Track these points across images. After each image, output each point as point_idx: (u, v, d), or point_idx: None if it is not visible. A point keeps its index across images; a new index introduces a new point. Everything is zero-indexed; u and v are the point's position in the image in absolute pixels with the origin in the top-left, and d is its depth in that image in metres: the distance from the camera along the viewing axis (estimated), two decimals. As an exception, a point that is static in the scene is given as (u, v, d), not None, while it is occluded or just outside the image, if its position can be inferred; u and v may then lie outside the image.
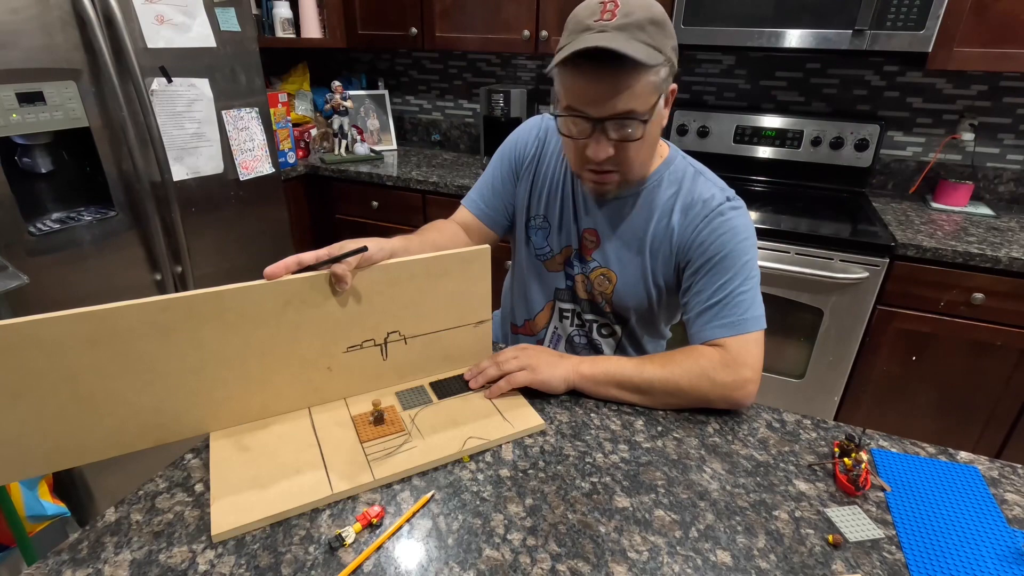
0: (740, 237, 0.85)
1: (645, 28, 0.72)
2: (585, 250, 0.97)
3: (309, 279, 0.69)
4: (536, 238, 1.01)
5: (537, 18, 1.98)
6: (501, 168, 1.03)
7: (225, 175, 1.67)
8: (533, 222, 1.01)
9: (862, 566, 0.58)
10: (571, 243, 0.98)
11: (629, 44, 0.70)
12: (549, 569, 0.56)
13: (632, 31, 0.71)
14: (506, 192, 1.02)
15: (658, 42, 0.73)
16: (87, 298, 1.38)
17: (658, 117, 0.80)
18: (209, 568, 0.55)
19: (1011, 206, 1.88)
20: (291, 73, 2.39)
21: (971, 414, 1.64)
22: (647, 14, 0.73)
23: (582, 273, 0.98)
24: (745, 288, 0.84)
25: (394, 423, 0.74)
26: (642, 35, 0.72)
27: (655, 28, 0.73)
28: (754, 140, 2.04)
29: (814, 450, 0.75)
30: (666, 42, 0.75)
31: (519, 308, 1.10)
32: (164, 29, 1.45)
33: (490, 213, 1.03)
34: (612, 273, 0.95)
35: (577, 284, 1.00)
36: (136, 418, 0.65)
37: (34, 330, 0.56)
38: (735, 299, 0.83)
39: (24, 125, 1.24)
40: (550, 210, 0.99)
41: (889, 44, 1.56)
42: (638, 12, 0.72)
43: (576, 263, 0.99)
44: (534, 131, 1.02)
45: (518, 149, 1.01)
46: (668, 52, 0.75)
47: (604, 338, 1.04)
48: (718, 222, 0.85)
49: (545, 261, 1.02)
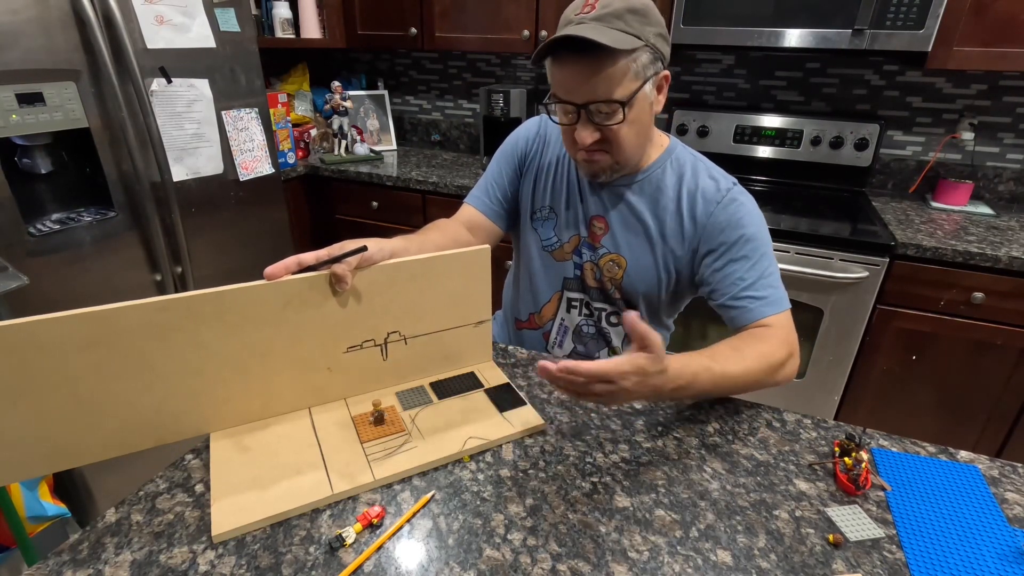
0: (758, 220, 0.89)
1: (622, 16, 0.76)
2: (594, 237, 0.98)
3: (309, 279, 0.69)
4: (543, 230, 1.03)
5: (537, 18, 1.98)
6: (503, 164, 1.05)
7: (225, 175, 1.67)
8: (539, 214, 1.03)
9: (862, 565, 0.58)
10: (579, 231, 1.00)
11: (600, 32, 0.74)
12: (549, 569, 0.56)
13: (608, 20, 0.76)
14: (509, 187, 1.04)
15: (636, 29, 0.76)
16: (87, 299, 1.38)
17: (643, 102, 0.82)
18: (209, 568, 0.55)
19: (1011, 205, 1.88)
20: (291, 73, 2.39)
21: (971, 413, 1.64)
22: (625, 4, 0.76)
23: (591, 261, 1.00)
24: (773, 269, 0.88)
25: (394, 423, 0.74)
26: (618, 23, 0.76)
27: (633, 16, 0.76)
28: (754, 140, 2.04)
29: (814, 449, 0.75)
30: (646, 28, 0.78)
31: (523, 303, 1.10)
32: (164, 30, 1.45)
33: (494, 208, 1.04)
34: (622, 258, 0.97)
35: (586, 272, 1.01)
36: (136, 419, 0.65)
37: (34, 331, 0.56)
38: (769, 279, 0.86)
39: (24, 126, 1.24)
40: (556, 200, 1.01)
41: (889, 43, 1.56)
42: (617, 2, 0.76)
43: (585, 251, 1.00)
44: (535, 128, 1.04)
45: (520, 145, 1.04)
46: (649, 38, 0.78)
47: (613, 327, 1.04)
48: (734, 207, 0.88)
49: (553, 251, 1.03)
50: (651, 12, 0.79)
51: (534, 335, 1.10)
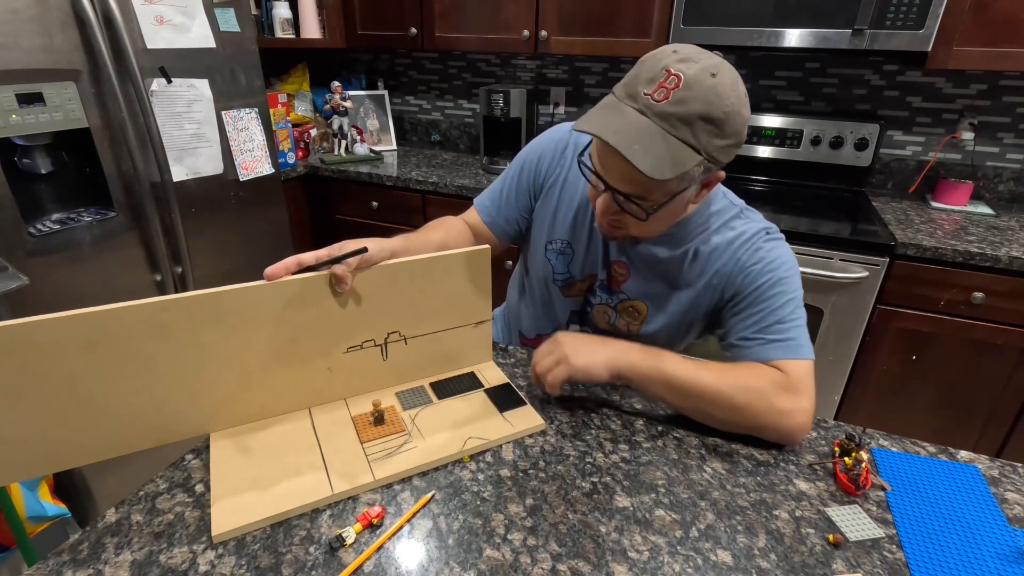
0: (788, 266, 0.81)
1: (692, 124, 0.64)
2: (614, 282, 0.91)
3: (309, 280, 0.69)
4: (556, 263, 0.96)
5: (537, 18, 1.97)
6: (519, 180, 0.97)
7: (225, 175, 1.67)
8: (553, 245, 0.95)
9: (862, 565, 0.58)
10: (597, 273, 0.93)
11: (651, 148, 0.64)
12: (550, 569, 0.56)
13: (674, 124, 0.64)
14: (520, 206, 0.98)
15: (702, 142, 0.65)
16: (87, 299, 1.38)
17: (680, 202, 0.74)
18: (210, 569, 0.55)
19: (1011, 205, 1.88)
20: (291, 73, 2.39)
21: (971, 413, 1.64)
22: (704, 107, 0.64)
23: (605, 304, 0.93)
24: (798, 316, 0.79)
25: (394, 423, 0.74)
26: (684, 131, 0.65)
27: (707, 125, 0.65)
28: (754, 140, 2.04)
29: (814, 449, 0.75)
30: (714, 141, 0.66)
31: (530, 321, 1.06)
32: (164, 30, 1.45)
33: (500, 224, 0.99)
34: (643, 305, 0.90)
35: (596, 313, 0.95)
36: (136, 419, 0.65)
37: (34, 331, 0.56)
38: (790, 323, 0.78)
39: (24, 126, 1.24)
40: (576, 237, 0.93)
41: (888, 43, 1.56)
42: (694, 103, 0.64)
43: (601, 293, 0.94)
44: (560, 146, 0.94)
45: (541, 165, 0.95)
46: (712, 152, 0.67)
47: None
48: (765, 251, 0.82)
49: (562, 287, 0.97)
50: (732, 122, 0.66)
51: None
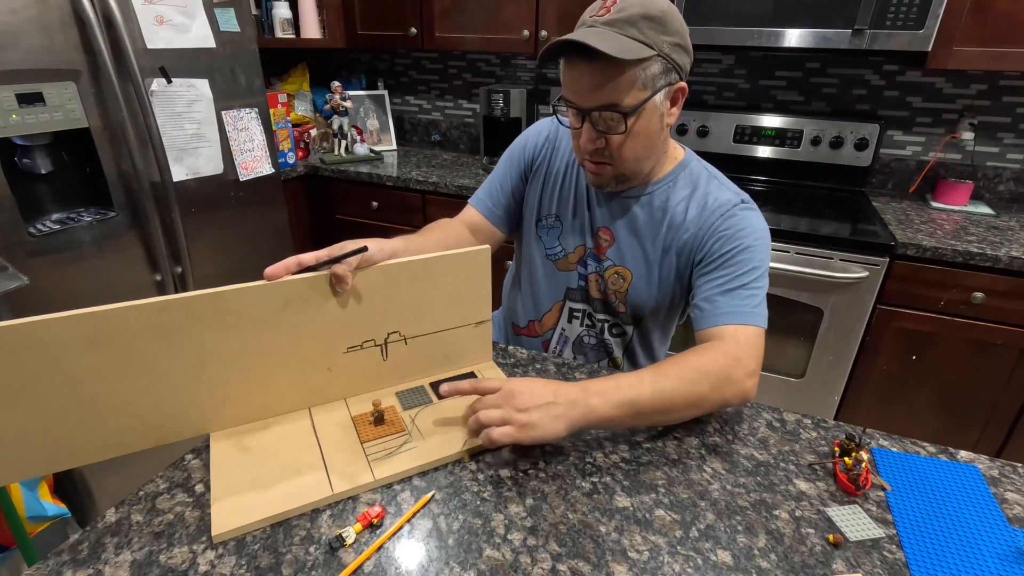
0: (758, 234, 0.85)
1: (636, 23, 0.73)
2: (599, 248, 0.97)
3: (309, 280, 0.69)
4: (547, 238, 1.01)
5: (537, 18, 1.98)
6: (509, 168, 1.03)
7: (225, 175, 1.67)
8: (544, 222, 1.01)
9: (862, 565, 0.58)
10: (585, 242, 0.98)
11: (607, 39, 0.72)
12: (550, 569, 0.56)
13: (620, 26, 0.73)
14: (514, 191, 1.03)
15: (649, 38, 0.74)
16: (87, 299, 1.38)
17: (652, 113, 0.79)
18: (210, 569, 0.55)
19: (1011, 205, 1.88)
20: (291, 73, 2.39)
21: (971, 413, 1.64)
22: (641, 10, 0.73)
23: (596, 272, 0.98)
24: (759, 285, 0.83)
25: (394, 423, 0.74)
26: (631, 30, 0.73)
27: (648, 23, 0.73)
28: (754, 140, 2.04)
29: (814, 449, 0.75)
30: (661, 38, 0.74)
31: (524, 309, 1.09)
32: (164, 30, 1.45)
33: (497, 212, 1.03)
34: (627, 271, 0.95)
35: (590, 283, 0.99)
36: (136, 419, 0.65)
37: (34, 331, 0.56)
38: (749, 291, 0.82)
39: (24, 126, 1.24)
40: (562, 209, 0.99)
41: (888, 43, 1.56)
42: (632, 8, 0.73)
43: (590, 262, 0.98)
44: (544, 132, 1.02)
45: (527, 149, 1.02)
46: (663, 48, 0.75)
47: (615, 338, 1.03)
48: (737, 218, 0.86)
49: (556, 261, 1.01)
50: (670, 20, 0.75)
51: (533, 343, 1.09)
